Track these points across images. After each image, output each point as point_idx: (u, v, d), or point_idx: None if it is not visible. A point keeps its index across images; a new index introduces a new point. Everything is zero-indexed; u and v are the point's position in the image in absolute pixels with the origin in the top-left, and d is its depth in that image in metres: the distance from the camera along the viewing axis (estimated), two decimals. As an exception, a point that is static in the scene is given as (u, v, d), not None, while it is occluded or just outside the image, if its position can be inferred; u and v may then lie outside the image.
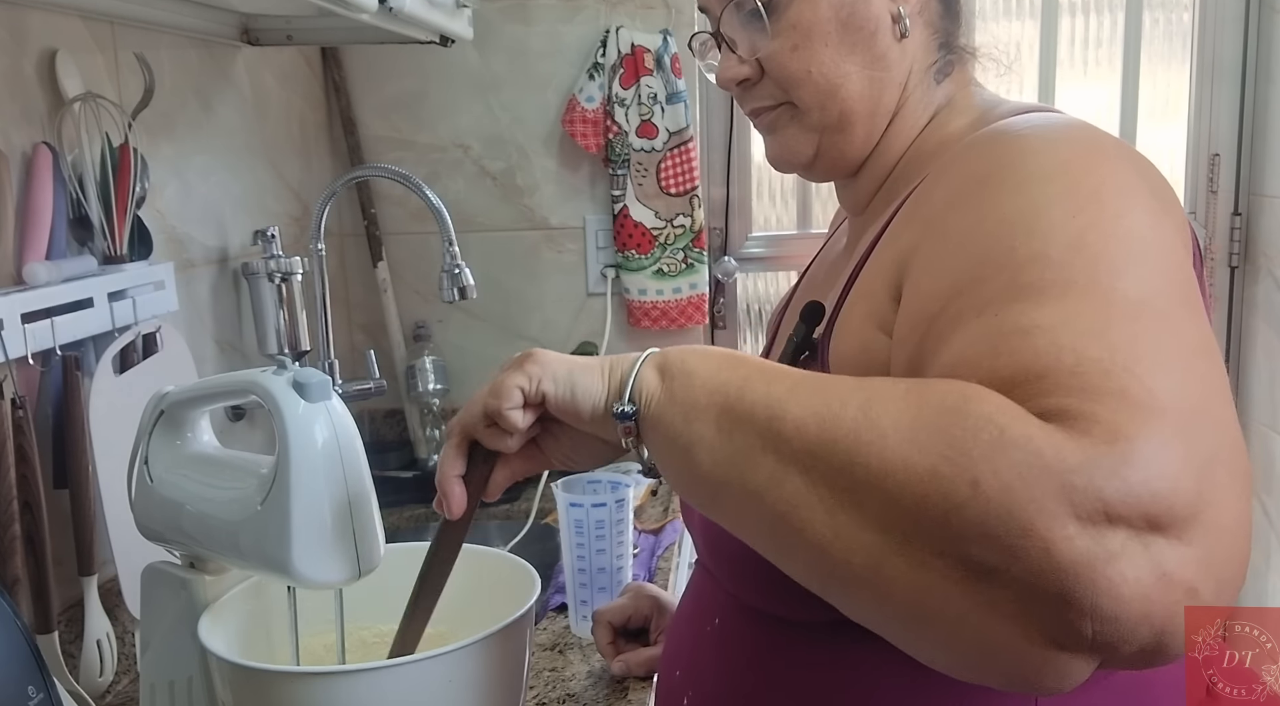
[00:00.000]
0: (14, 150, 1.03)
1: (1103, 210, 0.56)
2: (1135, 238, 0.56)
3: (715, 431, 0.55)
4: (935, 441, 0.47)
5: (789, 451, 0.51)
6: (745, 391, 0.55)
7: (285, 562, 0.71)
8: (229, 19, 1.44)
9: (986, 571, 0.45)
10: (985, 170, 0.62)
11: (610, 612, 1.07)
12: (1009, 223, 0.57)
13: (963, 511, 0.45)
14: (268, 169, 1.62)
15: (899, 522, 0.47)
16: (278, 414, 0.71)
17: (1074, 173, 0.59)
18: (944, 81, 0.78)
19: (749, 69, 0.77)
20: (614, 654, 1.06)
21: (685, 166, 1.81)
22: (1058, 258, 0.54)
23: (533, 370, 0.62)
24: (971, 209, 0.61)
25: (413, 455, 1.89)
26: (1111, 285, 0.52)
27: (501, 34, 1.82)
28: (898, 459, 0.48)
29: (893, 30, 0.75)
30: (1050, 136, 0.63)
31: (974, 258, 0.58)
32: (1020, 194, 0.59)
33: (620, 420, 0.59)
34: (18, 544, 0.93)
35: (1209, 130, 1.95)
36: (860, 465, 0.49)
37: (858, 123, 0.76)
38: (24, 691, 0.75)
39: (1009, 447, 0.46)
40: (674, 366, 0.59)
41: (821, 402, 0.52)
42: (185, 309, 1.34)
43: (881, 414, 0.49)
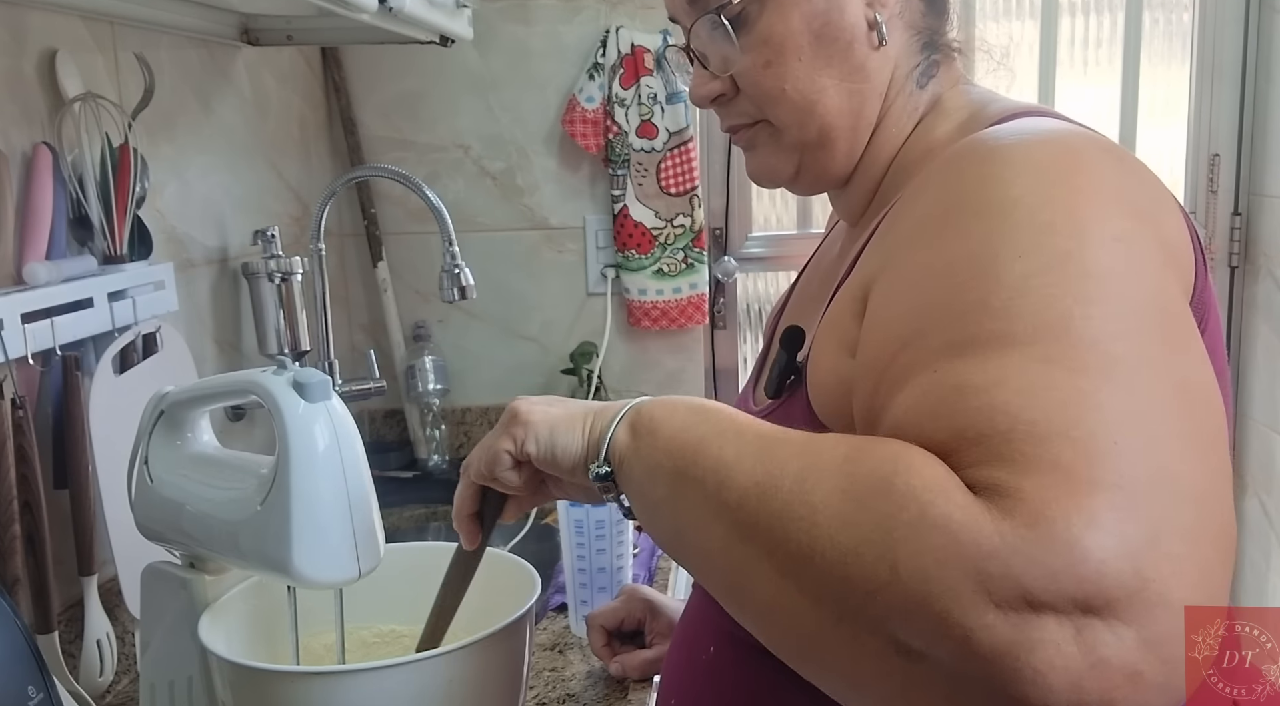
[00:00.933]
0: (14, 150, 1.03)
1: (1054, 247, 0.52)
2: (1091, 276, 0.51)
3: (671, 495, 0.56)
4: (861, 517, 0.46)
5: (732, 520, 0.52)
6: (699, 455, 0.55)
7: (285, 562, 0.71)
8: (229, 19, 1.44)
9: (914, 653, 0.44)
10: (947, 200, 0.59)
11: (603, 616, 1.07)
12: (956, 266, 0.55)
13: (885, 594, 0.44)
14: (268, 169, 1.62)
15: (830, 598, 0.47)
16: (278, 414, 0.71)
17: (1030, 203, 0.55)
18: (929, 83, 0.75)
19: (721, 85, 0.74)
20: (610, 656, 1.06)
21: (685, 166, 1.81)
22: (999, 306, 0.51)
23: (517, 433, 0.66)
24: (926, 246, 0.58)
25: (413, 455, 1.89)
26: (1059, 334, 0.49)
27: (501, 34, 1.82)
28: (825, 536, 0.47)
29: (869, 38, 0.71)
30: (1019, 157, 0.58)
31: (921, 304, 0.56)
32: (971, 232, 0.55)
33: (597, 481, 0.62)
34: (18, 544, 0.93)
35: (1209, 130, 1.95)
36: (793, 540, 0.48)
37: (839, 138, 0.73)
38: (24, 691, 0.75)
39: (928, 530, 0.44)
40: (643, 424, 0.61)
41: (763, 471, 0.51)
42: (185, 309, 1.34)
43: (815, 486, 0.49)
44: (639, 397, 0.64)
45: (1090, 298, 0.50)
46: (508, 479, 0.68)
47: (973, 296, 0.52)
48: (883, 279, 0.61)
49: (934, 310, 0.54)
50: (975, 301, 0.52)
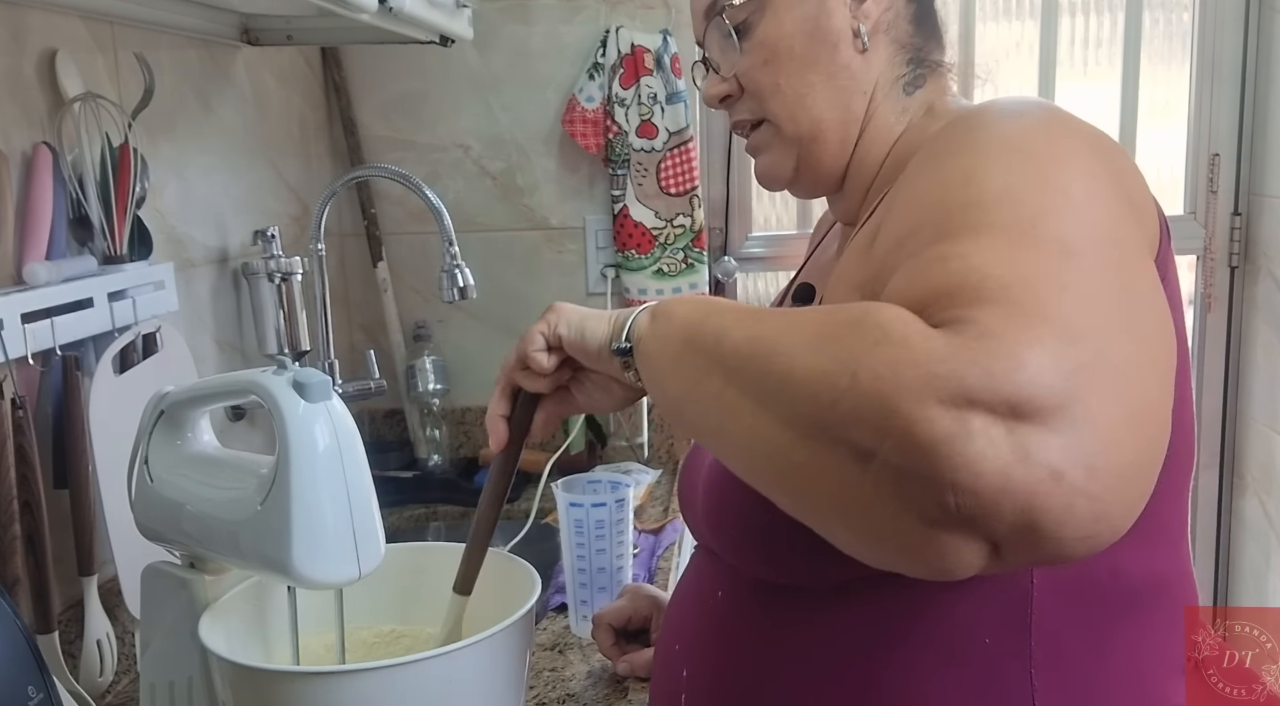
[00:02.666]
0: (14, 150, 1.03)
1: (1035, 169, 0.61)
2: (1063, 193, 0.59)
3: (677, 358, 0.65)
4: (831, 346, 0.53)
5: (725, 368, 0.59)
6: (705, 323, 0.63)
7: (285, 562, 0.71)
8: (229, 19, 1.44)
9: (867, 454, 0.50)
10: (943, 145, 0.68)
11: (610, 615, 1.07)
12: (948, 181, 0.63)
13: (844, 400, 0.51)
14: (268, 169, 1.62)
15: (800, 417, 0.54)
16: (278, 414, 0.71)
17: (1016, 141, 0.64)
18: (917, 92, 0.82)
19: (729, 86, 0.83)
20: (618, 655, 1.06)
21: (685, 166, 1.81)
22: (985, 203, 0.59)
23: (551, 318, 0.76)
24: (925, 175, 0.67)
25: (413, 455, 1.89)
26: (1031, 226, 0.57)
27: (501, 34, 1.82)
28: (800, 364, 0.54)
29: (854, 44, 0.80)
30: (1009, 114, 0.67)
31: (916, 212, 0.64)
32: (963, 158, 0.64)
33: (618, 355, 0.71)
34: (18, 544, 0.93)
35: (1209, 130, 1.95)
36: (773, 372, 0.56)
37: (829, 130, 0.81)
38: (24, 691, 0.75)
39: (887, 345, 0.51)
40: (661, 310, 0.69)
41: (758, 328, 0.59)
42: (185, 309, 1.34)
43: (796, 331, 0.56)
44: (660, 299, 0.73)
45: (1060, 209, 0.58)
46: (539, 359, 0.76)
47: (959, 197, 0.60)
48: (890, 213, 0.69)
49: (927, 211, 0.62)
50: (961, 201, 0.60)
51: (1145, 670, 0.69)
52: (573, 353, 0.75)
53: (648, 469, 1.80)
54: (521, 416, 0.81)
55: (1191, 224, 1.98)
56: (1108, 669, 0.68)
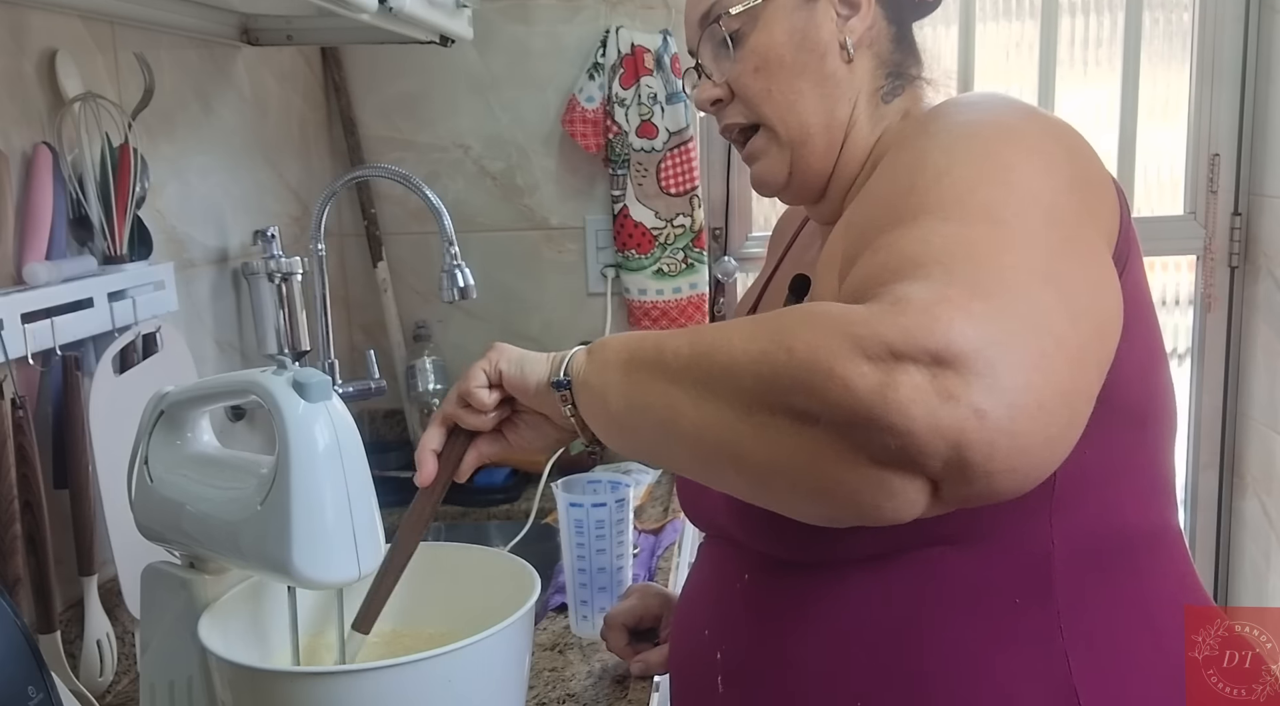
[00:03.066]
0: (14, 150, 1.03)
1: (976, 148, 0.67)
2: (1000, 166, 0.65)
3: (621, 375, 0.70)
4: (765, 332, 0.59)
5: (668, 372, 0.65)
6: (643, 342, 0.69)
7: (285, 562, 0.71)
8: (229, 19, 1.44)
9: (809, 417, 0.55)
10: (906, 137, 0.75)
11: (622, 614, 1.07)
12: (900, 171, 0.70)
13: (784, 372, 0.56)
14: (268, 169, 1.62)
15: (742, 395, 0.59)
16: (278, 414, 0.71)
17: (963, 127, 0.70)
18: (895, 101, 0.87)
19: (720, 91, 0.88)
20: (632, 655, 1.06)
21: (685, 166, 1.81)
22: (922, 187, 0.65)
23: (492, 356, 0.79)
24: (883, 170, 0.74)
25: (413, 455, 1.88)
26: (958, 202, 0.63)
27: (501, 34, 1.82)
28: (740, 350, 0.60)
29: (840, 55, 0.85)
30: (962, 106, 0.75)
31: (873, 204, 0.71)
32: (918, 147, 0.71)
33: (556, 388, 0.75)
34: (18, 544, 0.93)
35: (1209, 130, 1.95)
36: (715, 364, 0.61)
37: (816, 134, 0.85)
38: (24, 691, 0.75)
39: (815, 321, 0.57)
40: (597, 346, 0.74)
41: (694, 334, 0.65)
42: (185, 309, 1.34)
43: (736, 329, 0.62)
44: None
45: (992, 181, 0.64)
46: (480, 396, 0.79)
47: (905, 184, 0.67)
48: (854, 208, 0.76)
49: (879, 204, 0.69)
50: (906, 188, 0.67)
51: (1153, 608, 0.75)
52: (511, 389, 0.78)
53: (648, 469, 1.80)
54: (452, 453, 0.82)
55: (1191, 224, 1.98)
56: (1124, 611, 0.74)
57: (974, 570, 0.73)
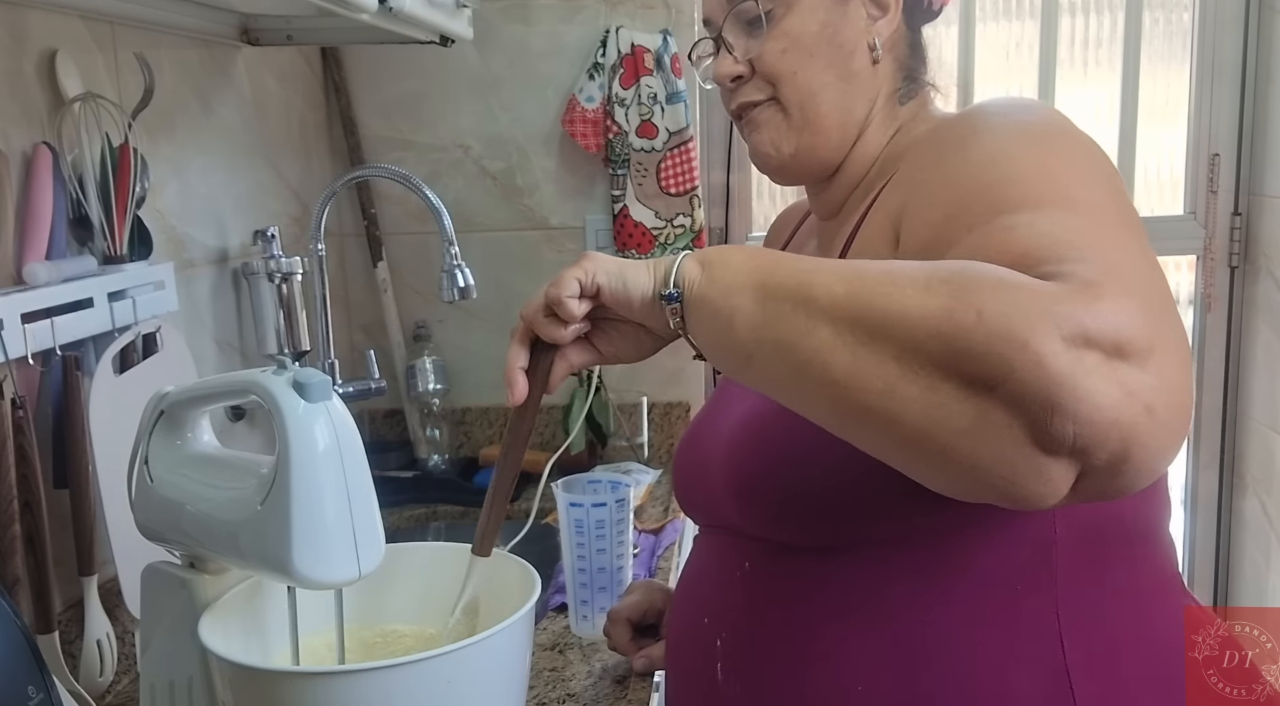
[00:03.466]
0: (14, 150, 1.03)
1: (1054, 146, 0.70)
2: (1085, 169, 0.68)
3: (752, 301, 0.64)
4: (945, 287, 0.56)
5: (817, 308, 0.60)
6: (778, 268, 0.65)
7: (285, 562, 0.71)
8: (229, 19, 1.44)
9: (987, 386, 0.54)
10: (958, 134, 0.75)
11: (626, 609, 1.07)
12: (981, 163, 0.69)
13: (970, 334, 0.54)
14: (268, 169, 1.62)
15: (914, 352, 0.56)
16: (278, 414, 0.71)
17: (1031, 125, 0.72)
18: (909, 103, 0.90)
19: (742, 68, 0.88)
20: (635, 651, 1.06)
21: (685, 166, 1.81)
22: (1029, 179, 0.66)
23: (589, 265, 0.72)
24: (950, 160, 0.73)
25: (413, 455, 1.89)
26: (1072, 196, 0.64)
27: (501, 34, 1.82)
28: (914, 302, 0.57)
29: (868, 55, 0.87)
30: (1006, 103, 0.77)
31: (957, 192, 0.69)
32: (986, 142, 0.71)
33: (667, 302, 0.69)
34: (18, 544, 0.93)
35: (1209, 130, 1.95)
36: (880, 309, 0.58)
37: (831, 128, 0.87)
38: (24, 691, 0.75)
39: (1008, 287, 0.55)
40: (712, 257, 0.69)
41: (847, 270, 0.62)
42: (185, 309, 1.34)
43: (899, 273, 0.59)
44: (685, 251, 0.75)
45: (1089, 181, 0.67)
46: (570, 306, 0.71)
47: (997, 175, 0.67)
48: (914, 196, 0.75)
49: (970, 191, 0.68)
50: (1000, 178, 0.66)
51: (1144, 594, 0.77)
52: (613, 304, 0.71)
53: (648, 469, 1.80)
54: (539, 367, 0.75)
55: (1191, 224, 1.98)
56: (1117, 597, 0.75)
57: (978, 558, 0.74)
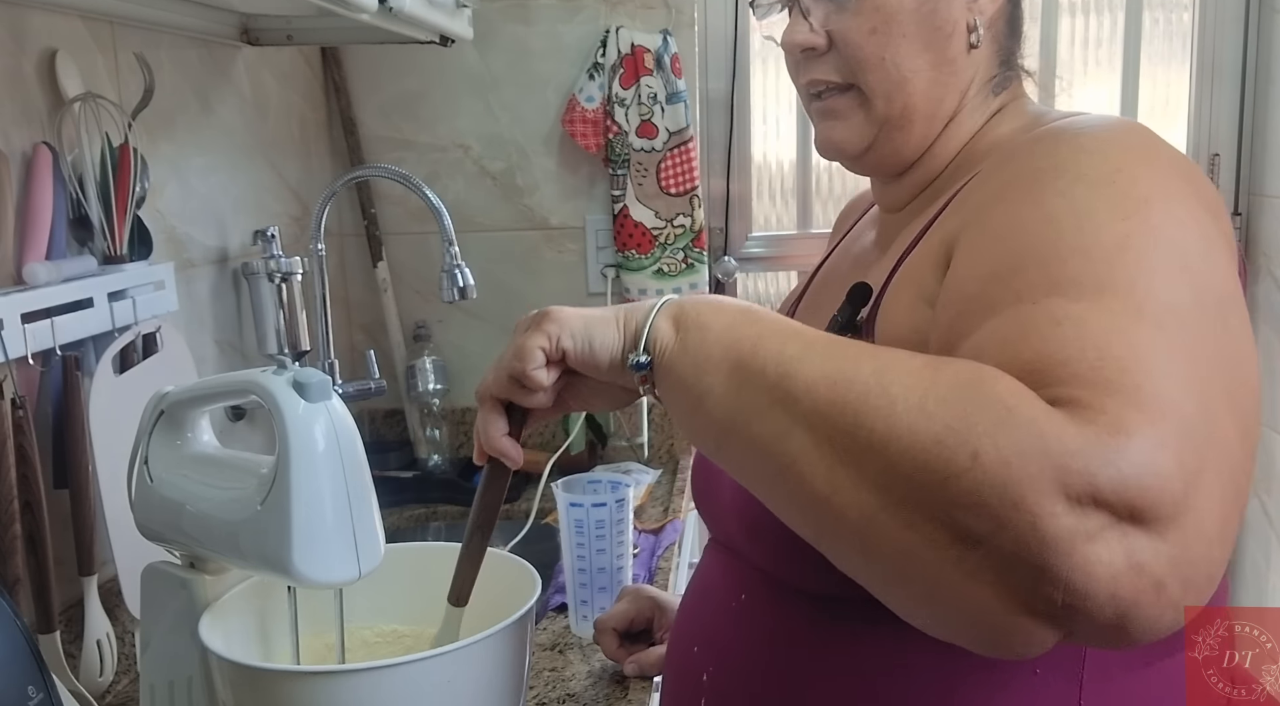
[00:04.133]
0: (14, 150, 1.03)
1: (1149, 218, 0.58)
2: (1177, 248, 0.57)
3: (726, 384, 0.58)
4: (943, 412, 0.49)
5: (798, 410, 0.54)
6: (759, 348, 0.57)
7: (285, 562, 0.71)
8: (229, 19, 1.44)
9: (973, 539, 0.48)
10: (1037, 166, 0.65)
11: (613, 619, 1.07)
12: (1054, 220, 0.60)
13: (960, 480, 0.48)
14: (268, 169, 1.62)
15: (897, 485, 0.50)
16: (278, 414, 0.71)
17: (1124, 179, 0.61)
18: (1001, 93, 0.80)
19: (819, 39, 0.77)
20: (625, 657, 1.06)
21: (685, 166, 1.81)
22: (1099, 256, 0.56)
23: (551, 329, 0.65)
24: (1019, 201, 0.63)
25: (413, 455, 1.89)
26: (1146, 289, 0.54)
27: (501, 34, 1.82)
28: (904, 425, 0.50)
29: (966, 39, 0.77)
30: (1105, 138, 0.64)
31: (1016, 248, 0.60)
32: (1068, 194, 0.61)
33: (636, 370, 0.63)
34: (18, 544, 0.93)
35: (1209, 130, 1.95)
36: (866, 427, 0.51)
37: (918, 121, 0.78)
38: (24, 691, 0.75)
39: (1014, 426, 0.48)
40: (689, 318, 0.62)
41: (834, 366, 0.54)
42: (185, 309, 1.34)
43: (894, 381, 0.52)
44: (666, 296, 0.66)
45: (1175, 272, 0.56)
46: (538, 378, 0.66)
47: (1076, 242, 0.57)
48: (971, 228, 0.66)
49: (1030, 253, 0.59)
50: (1078, 248, 0.57)
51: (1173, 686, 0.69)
52: (580, 368, 0.66)
53: (648, 469, 1.80)
54: (516, 430, 0.73)
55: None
56: (1149, 682, 0.68)
57: None
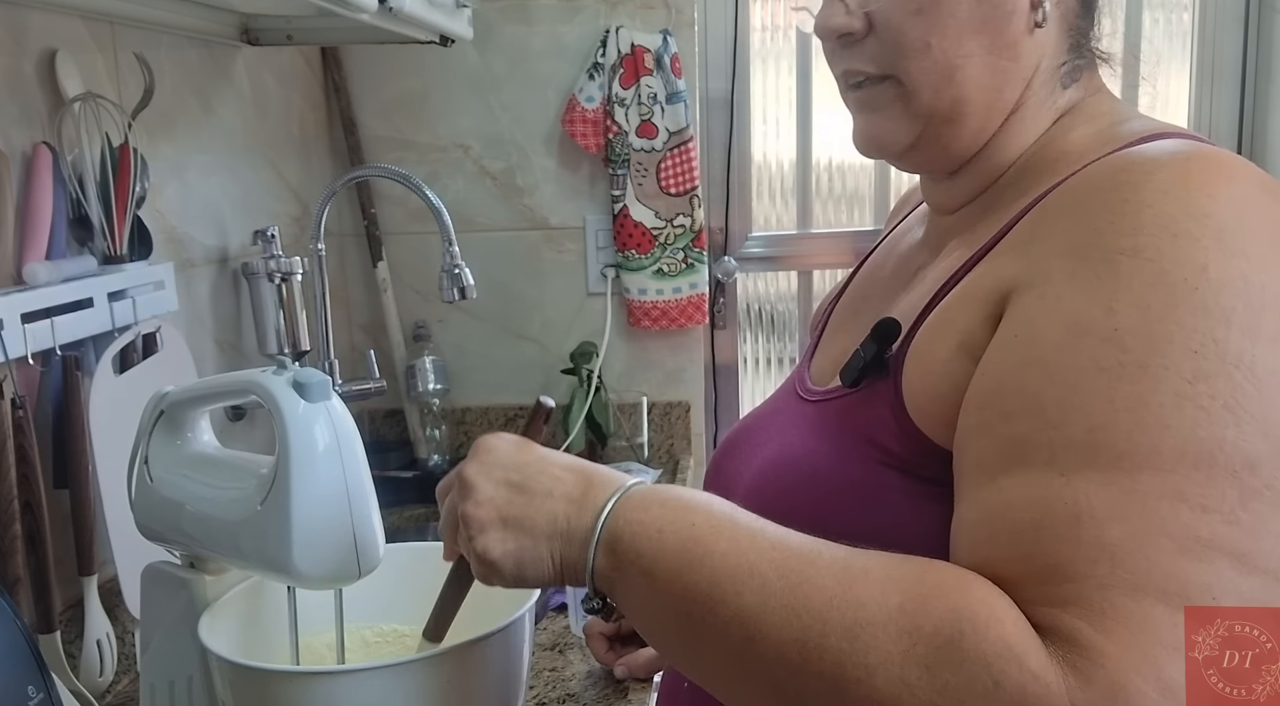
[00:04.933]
0: (14, 150, 1.03)
1: (1228, 346, 0.50)
2: (1256, 383, 0.49)
3: (683, 641, 0.55)
4: (925, 684, 0.46)
5: (767, 675, 0.51)
6: (713, 601, 0.53)
7: (285, 562, 0.71)
8: (229, 19, 1.44)
9: None
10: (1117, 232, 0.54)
11: (600, 623, 1.06)
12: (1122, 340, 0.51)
13: None
14: (268, 169, 1.62)
15: None
16: (278, 414, 0.71)
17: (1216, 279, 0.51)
18: (1073, 85, 0.70)
19: (857, 22, 0.67)
20: (614, 659, 1.05)
21: (685, 166, 1.81)
22: (1153, 417, 0.49)
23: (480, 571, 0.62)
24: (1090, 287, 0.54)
25: (413, 455, 1.89)
26: (1200, 462, 0.48)
27: (501, 34, 1.82)
28: (883, 700, 0.47)
29: (1029, 18, 0.66)
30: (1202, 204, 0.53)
31: (1072, 370, 0.52)
32: (1147, 301, 0.51)
33: (591, 614, 0.61)
34: (18, 543, 0.93)
35: (1209, 130, 1.95)
36: (839, 693, 0.48)
37: (971, 115, 0.67)
38: (24, 691, 0.75)
39: (1000, 703, 0.45)
40: (625, 551, 0.57)
41: (801, 627, 0.50)
42: (185, 309, 1.34)
43: (870, 647, 0.48)
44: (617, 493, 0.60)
45: (1249, 412, 0.49)
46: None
47: (1131, 391, 0.50)
48: (1029, 298, 0.57)
49: (1083, 398, 0.51)
50: (1133, 399, 0.49)
51: None
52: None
53: (648, 469, 1.80)
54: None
55: None
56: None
57: None
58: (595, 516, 0.59)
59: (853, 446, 0.65)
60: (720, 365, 2.05)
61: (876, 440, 0.64)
